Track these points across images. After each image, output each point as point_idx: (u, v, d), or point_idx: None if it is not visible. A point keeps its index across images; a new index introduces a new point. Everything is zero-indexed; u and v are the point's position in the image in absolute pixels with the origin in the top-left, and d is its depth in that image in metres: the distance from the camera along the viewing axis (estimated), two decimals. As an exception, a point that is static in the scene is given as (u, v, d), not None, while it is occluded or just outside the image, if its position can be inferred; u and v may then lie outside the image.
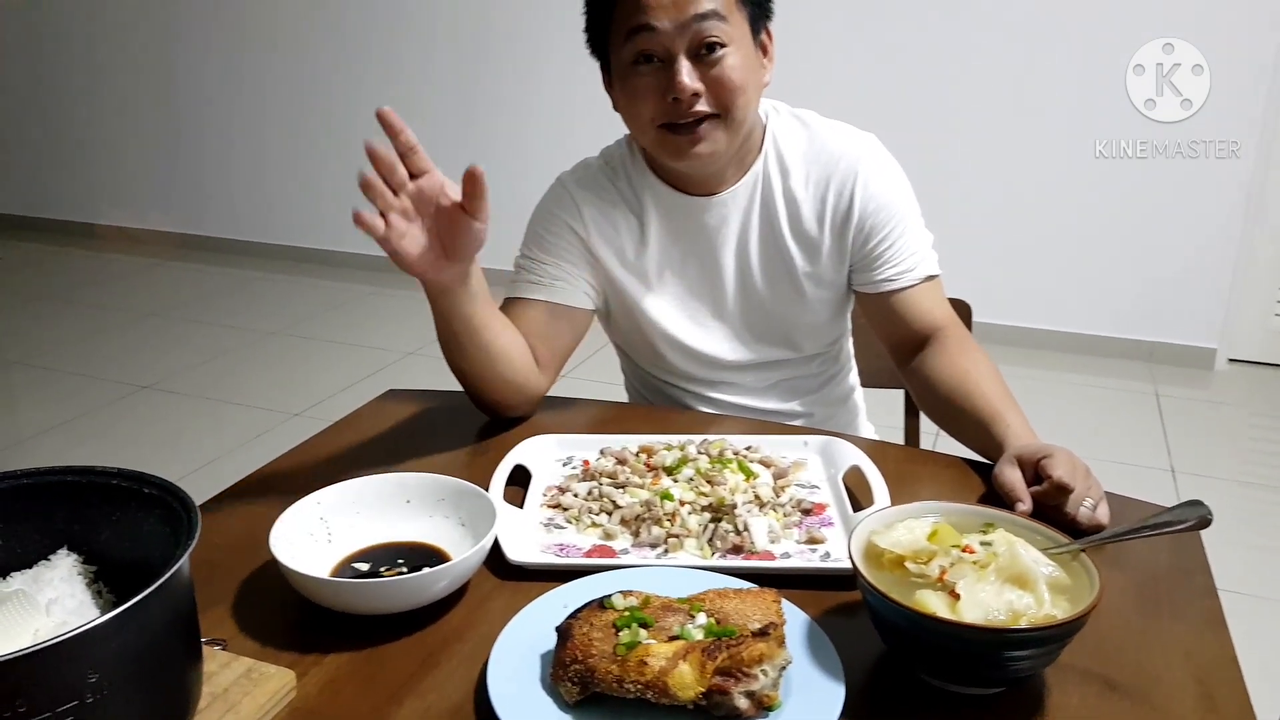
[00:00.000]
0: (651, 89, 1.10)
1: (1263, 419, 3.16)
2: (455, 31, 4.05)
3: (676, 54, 1.07)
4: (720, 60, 1.08)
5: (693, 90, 1.07)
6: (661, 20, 1.06)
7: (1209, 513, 0.78)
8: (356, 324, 3.92)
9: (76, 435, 2.93)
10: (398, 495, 0.91)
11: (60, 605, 0.63)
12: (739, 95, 1.09)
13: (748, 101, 1.11)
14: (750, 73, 1.11)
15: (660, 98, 1.09)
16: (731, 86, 1.08)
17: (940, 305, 1.23)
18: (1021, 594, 0.70)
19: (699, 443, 1.06)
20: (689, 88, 1.07)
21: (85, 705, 0.53)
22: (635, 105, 1.12)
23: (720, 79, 1.08)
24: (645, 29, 1.07)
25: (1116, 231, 3.35)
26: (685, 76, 1.07)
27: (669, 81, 1.08)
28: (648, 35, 1.07)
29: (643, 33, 1.08)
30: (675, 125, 1.10)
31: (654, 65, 1.09)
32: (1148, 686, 0.72)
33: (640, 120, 1.13)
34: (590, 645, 0.69)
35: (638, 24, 1.07)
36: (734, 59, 1.08)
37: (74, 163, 5.14)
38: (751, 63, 1.11)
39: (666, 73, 1.08)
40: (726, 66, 1.08)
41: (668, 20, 1.06)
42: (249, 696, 0.68)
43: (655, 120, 1.11)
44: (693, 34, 1.06)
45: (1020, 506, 0.91)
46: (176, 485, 0.65)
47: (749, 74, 1.10)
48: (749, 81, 1.10)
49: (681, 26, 1.06)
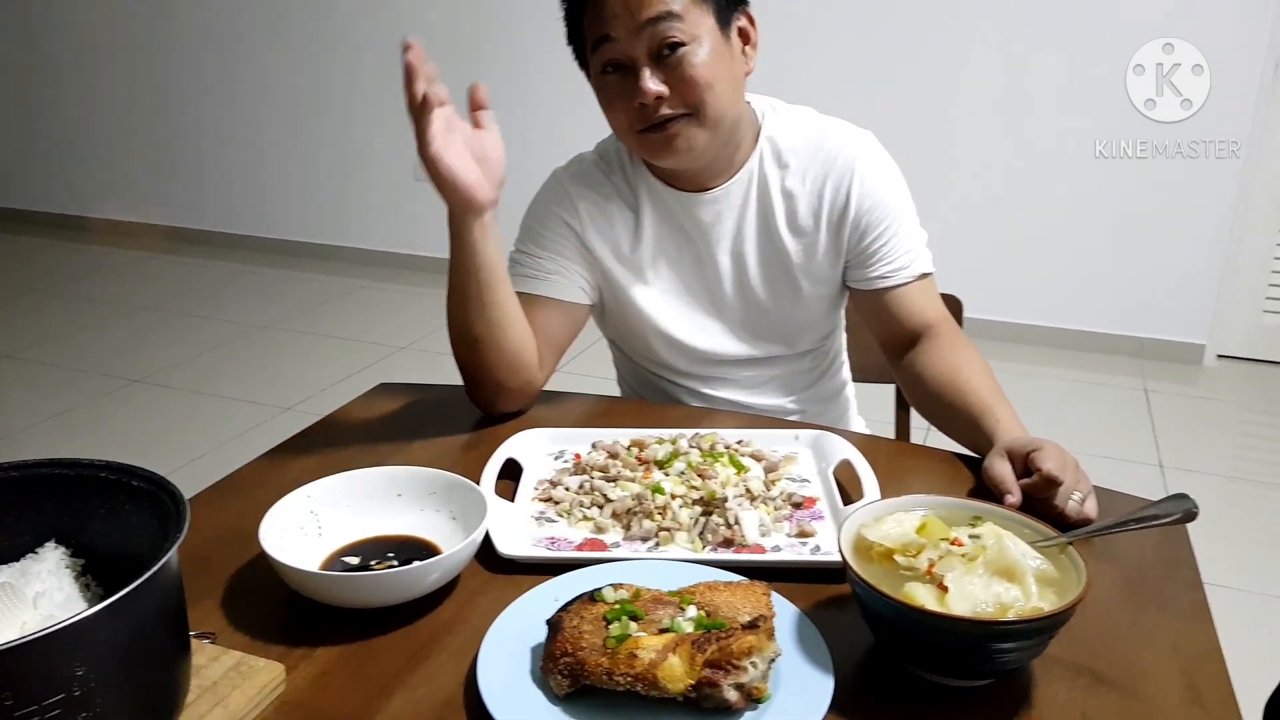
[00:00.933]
0: (619, 96, 1.11)
1: (1251, 414, 3.18)
2: (452, 26, 4.04)
3: (637, 58, 1.08)
4: (682, 59, 1.08)
5: (656, 94, 1.08)
6: (617, 29, 1.07)
7: (1195, 506, 0.78)
8: (349, 318, 3.91)
9: (67, 429, 2.91)
10: (388, 489, 0.91)
11: (48, 598, 0.63)
12: (706, 91, 1.09)
13: (718, 95, 1.10)
14: (719, 66, 1.10)
15: (629, 103, 1.10)
16: (697, 84, 1.08)
17: (933, 303, 1.23)
18: (1009, 587, 0.70)
19: (690, 437, 1.06)
20: (651, 92, 1.08)
21: (73, 698, 0.53)
22: (610, 114, 1.15)
23: (684, 77, 1.08)
24: (606, 39, 1.09)
25: (1108, 229, 3.36)
26: (647, 82, 1.08)
27: (634, 87, 1.09)
28: (610, 45, 1.09)
29: (605, 43, 1.09)
30: (649, 128, 1.11)
31: (620, 73, 1.11)
32: (1134, 678, 0.73)
33: (619, 127, 1.15)
34: (580, 638, 0.69)
35: (599, 34, 1.09)
36: (698, 55, 1.08)
37: (65, 155, 5.11)
38: (720, 55, 1.10)
39: (632, 78, 1.09)
40: (688, 65, 1.08)
41: (622, 29, 1.07)
42: (238, 690, 0.68)
43: (630, 127, 1.12)
44: (649, 37, 1.07)
45: (1009, 499, 0.91)
46: (165, 478, 0.65)
47: (717, 68, 1.10)
48: (717, 75, 1.10)
49: (637, 31, 1.07)
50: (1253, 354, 3.42)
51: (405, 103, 0.96)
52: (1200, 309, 3.35)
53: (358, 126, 4.38)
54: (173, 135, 4.82)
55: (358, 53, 4.27)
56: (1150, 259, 3.35)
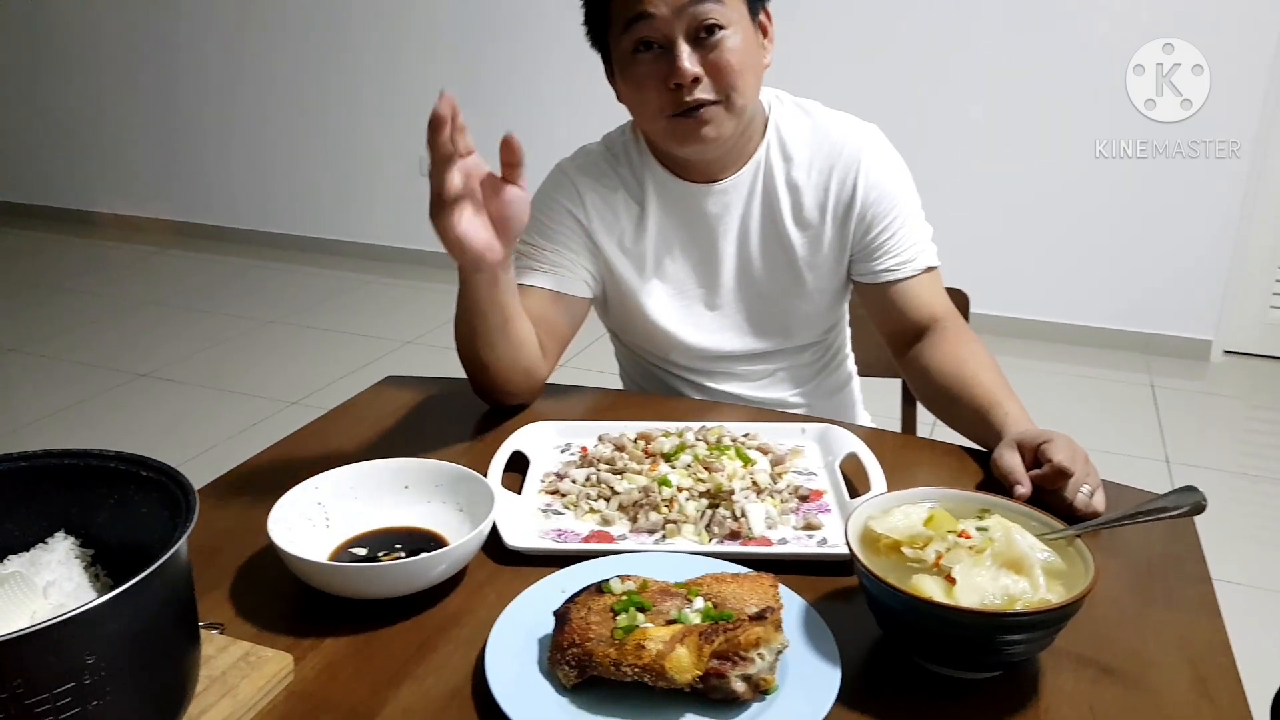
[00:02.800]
0: (653, 76, 1.10)
1: (1258, 410, 3.17)
2: (458, 21, 4.04)
3: (675, 38, 1.07)
4: (720, 43, 1.08)
5: (693, 75, 1.07)
6: (659, 6, 1.06)
7: (1203, 499, 0.78)
8: (355, 312, 3.92)
9: (74, 423, 2.92)
10: (396, 480, 0.91)
11: (58, 588, 0.63)
12: (739, 79, 1.09)
13: (748, 84, 1.11)
14: (750, 54, 1.10)
15: (662, 85, 1.09)
16: (732, 70, 1.08)
17: (939, 296, 1.23)
18: (1017, 579, 0.70)
19: (697, 430, 1.06)
20: (689, 72, 1.07)
21: (83, 686, 0.53)
22: (640, 95, 1.12)
23: (720, 63, 1.08)
24: (643, 16, 1.07)
25: (1114, 226, 3.36)
26: (686, 61, 1.07)
27: (669, 67, 1.08)
28: (646, 23, 1.07)
29: (641, 20, 1.08)
30: (680, 112, 1.10)
31: (654, 53, 1.09)
32: (1141, 671, 0.72)
33: (647, 110, 1.13)
34: (588, 629, 0.69)
35: (636, 12, 1.07)
36: (733, 41, 1.08)
37: (72, 150, 5.12)
38: (751, 44, 1.11)
39: (667, 59, 1.08)
40: (726, 49, 1.08)
41: (665, 6, 1.06)
42: (247, 679, 0.68)
43: (662, 110, 1.11)
44: (689, 17, 1.06)
45: (1019, 490, 0.91)
46: (174, 468, 0.65)
47: (749, 56, 1.10)
48: (749, 63, 1.10)
49: (678, 10, 1.06)
50: (1259, 350, 3.41)
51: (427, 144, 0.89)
52: (1207, 305, 3.34)
53: (363, 121, 4.38)
54: (178, 130, 4.83)
55: (363, 47, 4.26)
56: (1157, 255, 3.34)
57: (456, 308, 1.09)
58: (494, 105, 4.07)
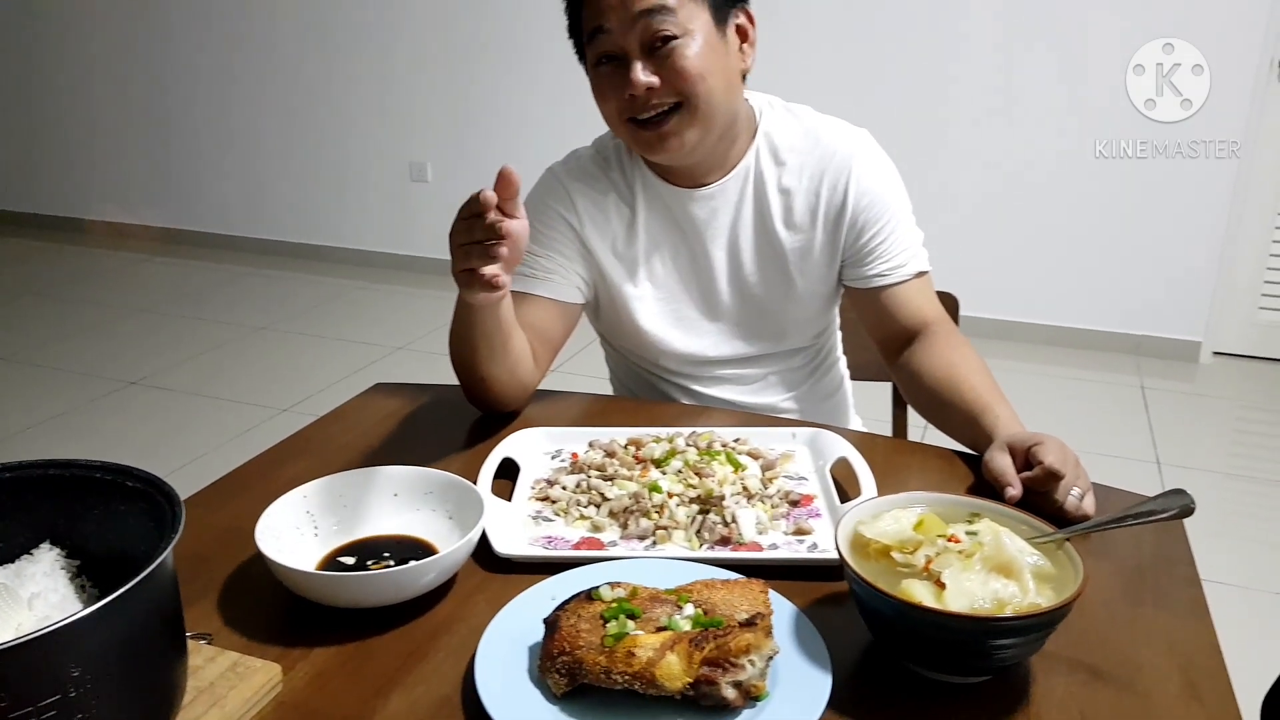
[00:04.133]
0: (612, 87, 1.12)
1: (1247, 411, 3.18)
2: (448, 28, 4.04)
3: (629, 51, 1.09)
4: (673, 51, 1.08)
5: (646, 85, 1.08)
6: (611, 21, 1.08)
7: (1191, 502, 0.78)
8: (345, 319, 3.91)
9: (65, 431, 2.91)
10: (385, 489, 0.91)
11: (43, 600, 0.63)
12: (698, 83, 1.09)
13: (711, 89, 1.10)
14: (713, 60, 1.10)
15: (620, 95, 1.11)
16: (688, 75, 1.08)
17: (930, 301, 1.23)
18: (1006, 583, 0.70)
19: (688, 435, 1.06)
20: (642, 83, 1.08)
21: (68, 699, 0.53)
22: (603, 105, 1.15)
23: (674, 69, 1.08)
24: (600, 31, 1.10)
25: (1105, 228, 3.37)
26: (638, 74, 1.08)
27: (625, 78, 1.09)
28: (604, 37, 1.10)
29: (599, 35, 1.10)
30: (641, 121, 1.11)
31: (614, 64, 1.11)
32: (1131, 674, 0.73)
33: (610, 118, 1.16)
34: (578, 637, 0.69)
35: (593, 26, 1.10)
36: (690, 48, 1.08)
37: (62, 157, 5.11)
38: (714, 50, 1.11)
39: (623, 70, 1.10)
40: (679, 57, 1.08)
41: (616, 20, 1.08)
42: (235, 690, 0.68)
43: (621, 116, 1.13)
44: (641, 29, 1.08)
45: (1009, 492, 0.92)
46: (159, 478, 0.64)
47: (710, 61, 1.10)
48: (710, 68, 1.10)
49: (630, 23, 1.07)
50: (1249, 351, 3.42)
51: (470, 213, 0.90)
52: (1196, 306, 3.35)
53: (353, 128, 4.38)
54: (169, 137, 4.81)
55: (353, 54, 4.26)
56: (1147, 257, 3.35)
57: (453, 325, 1.10)
58: (484, 111, 4.07)
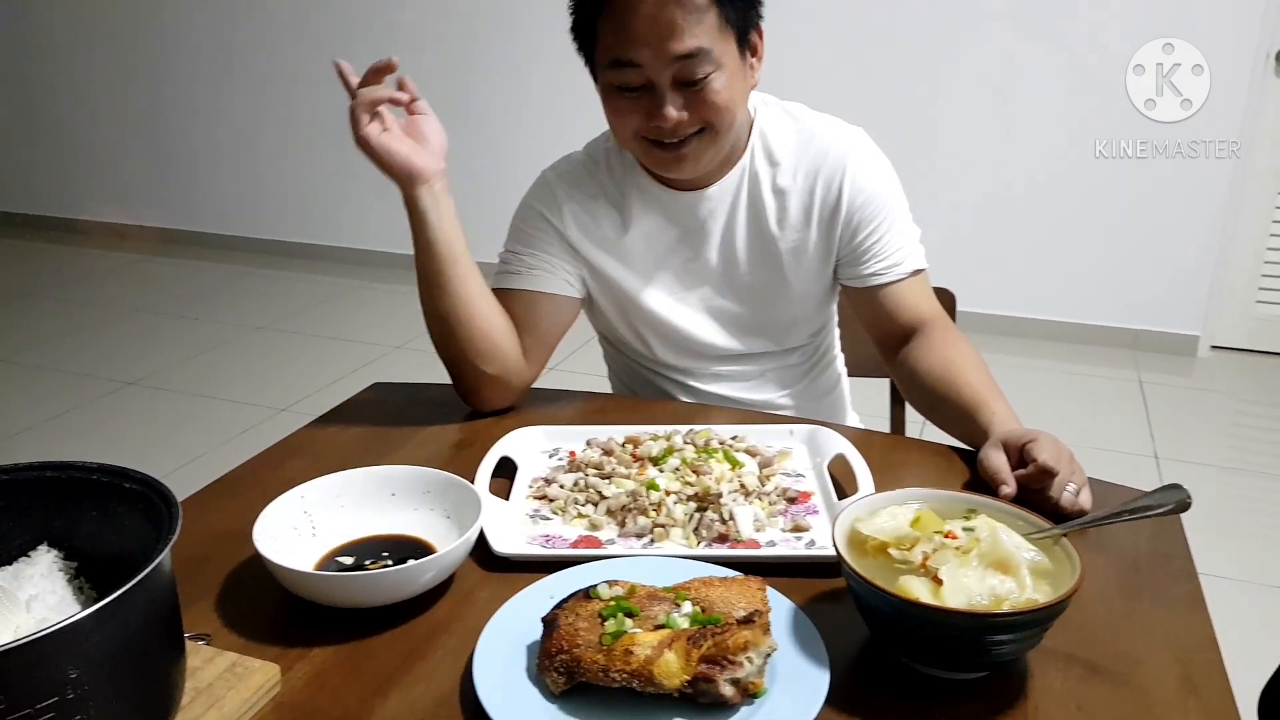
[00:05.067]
0: (634, 111, 1.09)
1: (1245, 405, 3.18)
2: (444, 29, 4.03)
3: (661, 86, 1.06)
4: (705, 86, 1.06)
5: (677, 120, 1.07)
6: (644, 57, 1.05)
7: (1188, 496, 0.78)
8: (342, 319, 3.90)
9: (62, 432, 2.91)
10: (383, 488, 0.91)
11: (41, 601, 0.63)
12: (725, 114, 1.09)
13: (734, 115, 1.10)
14: (737, 88, 1.10)
15: (644, 118, 1.09)
16: (718, 109, 1.08)
17: (927, 299, 1.23)
18: (1004, 579, 0.70)
19: (685, 433, 1.06)
20: (674, 118, 1.07)
21: (66, 701, 0.53)
22: (617, 121, 1.12)
23: (706, 103, 1.07)
24: (629, 64, 1.06)
25: (1102, 223, 3.37)
26: (670, 107, 1.06)
27: (653, 108, 1.07)
28: (632, 70, 1.06)
29: (627, 67, 1.06)
30: (660, 142, 1.10)
31: (637, 93, 1.08)
32: (1129, 669, 0.73)
33: (624, 134, 1.13)
34: (576, 635, 0.69)
35: (621, 58, 1.06)
36: (720, 81, 1.07)
37: (58, 157, 5.09)
38: (738, 78, 1.10)
39: (650, 97, 1.07)
40: (711, 92, 1.07)
41: (650, 57, 1.04)
42: (233, 691, 0.68)
43: (639, 134, 1.11)
44: (677, 69, 1.05)
45: (1004, 489, 0.92)
46: (156, 480, 0.64)
47: (735, 90, 1.09)
48: (735, 98, 1.09)
49: (666, 62, 1.05)
50: (1246, 344, 3.43)
51: None
52: (1194, 300, 3.35)
53: (349, 127, 4.36)
54: (165, 137, 4.80)
55: (349, 53, 4.22)
56: (1144, 252, 3.35)
57: (415, 267, 1.12)
58: (481, 111, 4.06)
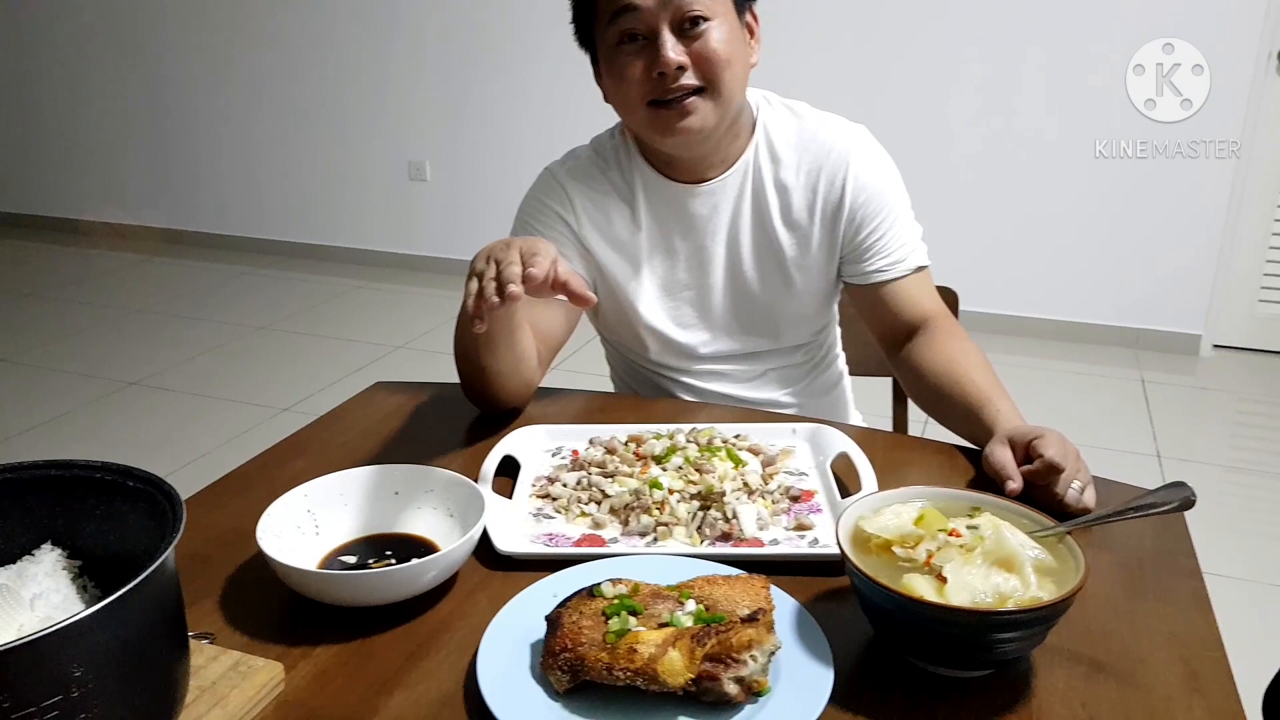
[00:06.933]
0: (637, 67, 1.10)
1: (1247, 404, 3.18)
2: (446, 28, 4.03)
3: (660, 29, 1.08)
4: (705, 33, 1.08)
5: (678, 64, 1.08)
6: None
7: (1192, 494, 0.78)
8: (345, 318, 3.90)
9: (65, 432, 2.91)
10: (386, 487, 0.91)
11: (44, 600, 0.63)
12: (725, 69, 1.09)
13: (734, 75, 1.11)
14: (735, 48, 1.11)
15: (646, 74, 1.10)
16: (717, 59, 1.09)
17: (929, 296, 1.23)
18: (1008, 577, 0.70)
19: (688, 431, 1.06)
20: (674, 61, 1.07)
21: (70, 699, 0.53)
22: (622, 85, 1.13)
23: (705, 52, 1.08)
24: (628, 9, 1.08)
25: (1104, 222, 3.37)
26: (670, 51, 1.07)
27: (654, 57, 1.08)
28: (631, 15, 1.08)
29: (626, 13, 1.08)
30: (663, 101, 1.11)
31: (638, 44, 1.10)
32: (1133, 667, 0.73)
33: (629, 100, 1.13)
34: (580, 633, 0.69)
35: (621, 4, 1.08)
36: (719, 32, 1.09)
37: (59, 158, 5.10)
38: (736, 37, 1.11)
39: (651, 49, 1.09)
40: (711, 39, 1.08)
41: None
42: (237, 689, 0.68)
43: (643, 98, 1.11)
44: (675, 8, 1.07)
45: (1010, 485, 0.92)
46: (160, 478, 0.64)
47: (734, 48, 1.10)
48: (734, 55, 1.10)
49: (664, 2, 1.07)
50: (1248, 344, 3.42)
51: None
52: (1196, 300, 3.35)
53: (351, 127, 4.37)
54: (167, 137, 4.81)
55: (351, 53, 4.25)
56: (1146, 251, 3.35)
57: (460, 315, 1.09)
58: (482, 108, 4.07)
